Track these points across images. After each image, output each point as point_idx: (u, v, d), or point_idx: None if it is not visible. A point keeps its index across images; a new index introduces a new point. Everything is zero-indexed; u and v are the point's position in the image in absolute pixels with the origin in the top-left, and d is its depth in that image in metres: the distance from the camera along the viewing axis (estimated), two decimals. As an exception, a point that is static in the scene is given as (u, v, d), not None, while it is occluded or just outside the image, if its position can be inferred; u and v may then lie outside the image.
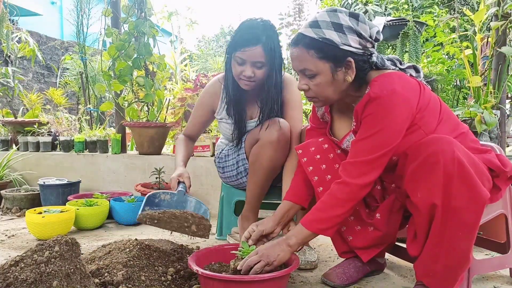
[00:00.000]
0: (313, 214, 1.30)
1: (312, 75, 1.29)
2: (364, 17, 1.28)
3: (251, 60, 1.63)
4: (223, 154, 1.95)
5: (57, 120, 3.59)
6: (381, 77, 1.27)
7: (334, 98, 1.34)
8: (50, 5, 12.16)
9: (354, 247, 1.48)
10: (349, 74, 1.28)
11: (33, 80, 7.51)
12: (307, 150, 1.51)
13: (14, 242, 2.03)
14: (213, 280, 1.26)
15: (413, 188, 1.21)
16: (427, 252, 1.23)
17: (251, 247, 1.40)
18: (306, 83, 1.31)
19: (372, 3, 8.33)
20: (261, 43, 1.62)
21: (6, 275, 1.06)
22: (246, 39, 1.62)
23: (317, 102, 1.37)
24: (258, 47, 1.61)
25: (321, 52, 1.25)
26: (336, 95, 1.32)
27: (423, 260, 1.25)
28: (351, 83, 1.31)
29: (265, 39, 1.62)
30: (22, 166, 3.21)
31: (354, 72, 1.28)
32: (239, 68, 1.66)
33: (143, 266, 1.40)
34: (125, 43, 2.88)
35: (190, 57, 8.56)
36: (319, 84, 1.29)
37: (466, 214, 1.14)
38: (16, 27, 4.56)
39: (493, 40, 2.41)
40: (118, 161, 3.01)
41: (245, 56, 1.63)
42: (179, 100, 3.08)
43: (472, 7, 6.38)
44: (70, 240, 1.17)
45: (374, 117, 1.24)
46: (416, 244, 1.27)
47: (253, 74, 1.65)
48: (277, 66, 1.70)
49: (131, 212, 2.37)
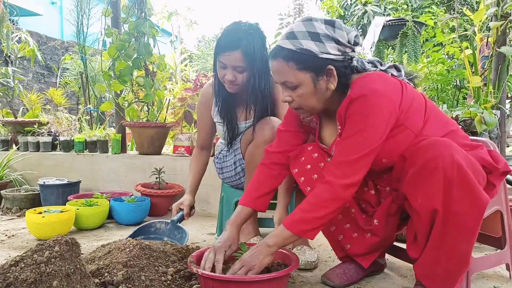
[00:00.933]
0: (296, 214, 1.26)
1: (294, 87, 1.27)
2: (341, 23, 1.27)
3: (231, 64, 1.66)
4: (222, 155, 1.97)
5: (57, 120, 3.59)
6: (361, 78, 1.26)
7: (319, 107, 1.32)
8: (50, 5, 12.16)
9: (353, 254, 1.47)
10: (331, 82, 1.26)
11: (33, 80, 7.51)
12: (297, 161, 1.47)
13: (14, 242, 2.03)
14: (213, 280, 1.26)
15: (413, 193, 1.20)
16: (427, 255, 1.23)
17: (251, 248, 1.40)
18: (289, 95, 1.30)
19: (371, 3, 8.33)
20: (240, 47, 1.63)
21: (6, 275, 1.06)
22: (226, 44, 1.65)
23: (303, 112, 1.36)
24: (237, 52, 1.63)
25: (300, 63, 1.23)
26: (321, 104, 1.31)
27: (423, 262, 1.25)
28: (335, 90, 1.28)
29: (245, 43, 1.63)
30: (22, 166, 3.21)
31: (336, 80, 1.26)
32: (222, 72, 1.70)
33: (143, 266, 1.40)
34: (125, 43, 2.88)
35: (190, 57, 8.55)
36: (302, 95, 1.27)
37: (467, 219, 1.14)
38: (16, 27, 4.56)
39: (493, 40, 2.41)
40: (118, 161, 3.02)
41: (225, 61, 1.66)
42: (179, 100, 3.08)
43: (472, 7, 6.38)
44: (70, 240, 1.17)
45: (356, 116, 1.22)
46: (416, 246, 1.27)
47: (234, 78, 1.68)
48: (258, 70, 1.70)
49: (131, 212, 2.38)
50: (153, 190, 2.60)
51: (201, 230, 2.30)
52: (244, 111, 1.85)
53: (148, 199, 2.50)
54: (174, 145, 3.02)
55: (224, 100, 1.83)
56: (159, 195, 2.59)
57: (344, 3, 8.31)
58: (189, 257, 1.39)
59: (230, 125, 1.87)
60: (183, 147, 2.94)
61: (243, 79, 1.70)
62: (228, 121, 1.86)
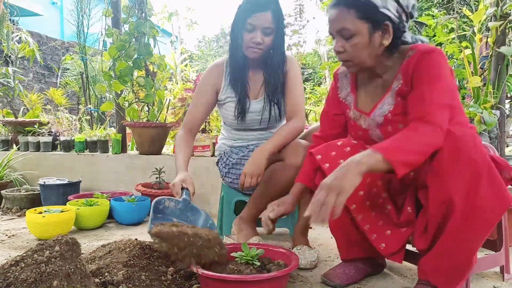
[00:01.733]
0: (393, 143, 1.14)
1: (349, 36, 1.28)
2: None
3: (261, 25, 1.69)
4: (231, 162, 1.92)
5: (58, 120, 3.60)
6: (421, 44, 1.31)
7: (368, 62, 1.32)
8: (50, 5, 12.15)
9: (389, 254, 1.36)
10: (386, 38, 1.29)
11: (33, 80, 7.51)
12: (327, 155, 1.38)
13: (15, 242, 2.03)
14: (213, 280, 1.26)
15: (437, 182, 1.17)
16: (439, 248, 1.20)
17: (252, 250, 1.40)
18: (342, 45, 1.31)
19: (372, 3, 8.32)
20: (270, 9, 1.67)
21: (7, 275, 1.06)
22: (256, 4, 1.68)
23: (351, 66, 1.35)
24: (268, 13, 1.67)
25: (361, 12, 1.26)
26: (371, 59, 1.32)
27: (433, 256, 1.23)
28: (384, 50, 1.31)
29: (274, 5, 1.69)
30: (22, 166, 3.21)
31: (391, 37, 1.29)
32: (249, 35, 1.71)
33: (143, 266, 1.40)
34: (125, 44, 2.88)
35: (190, 58, 8.56)
36: (355, 45, 1.29)
37: (489, 216, 1.14)
38: (16, 27, 4.55)
39: (492, 40, 2.41)
40: (118, 161, 3.02)
41: (255, 22, 1.68)
42: (179, 100, 3.09)
43: (471, 7, 6.38)
44: (71, 240, 1.18)
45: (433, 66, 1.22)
46: (425, 237, 1.24)
47: (262, 41, 1.70)
48: (282, 35, 1.76)
49: (132, 212, 2.38)
50: (154, 190, 2.60)
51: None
52: (258, 88, 1.85)
53: (149, 199, 2.50)
54: (174, 145, 3.02)
55: (240, 71, 1.82)
56: (160, 195, 2.59)
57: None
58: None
59: (243, 99, 1.83)
60: (183, 147, 2.94)
61: (269, 42, 1.73)
62: (241, 95, 1.83)
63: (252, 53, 1.74)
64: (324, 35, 6.84)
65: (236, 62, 1.81)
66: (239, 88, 1.83)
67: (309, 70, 11.12)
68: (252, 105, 1.86)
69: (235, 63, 1.82)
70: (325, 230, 2.32)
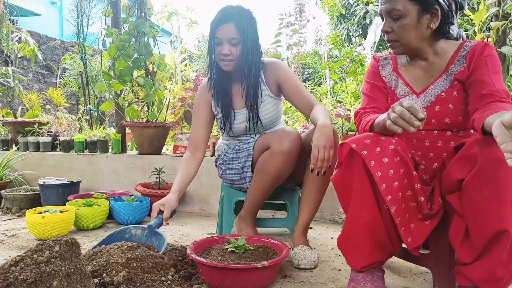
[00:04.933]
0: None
1: (398, 16, 1.34)
2: None
3: (226, 37, 1.74)
4: (228, 157, 1.93)
5: (57, 120, 3.59)
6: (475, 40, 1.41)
7: (414, 44, 1.38)
8: (50, 5, 12.15)
9: (414, 248, 1.30)
10: (434, 22, 1.34)
11: (33, 80, 7.50)
12: (372, 151, 1.26)
13: (14, 242, 2.03)
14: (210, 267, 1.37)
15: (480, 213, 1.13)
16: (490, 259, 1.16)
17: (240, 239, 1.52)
18: (390, 26, 1.37)
19: (373, 3, 8.33)
20: (233, 20, 1.73)
21: (6, 275, 1.06)
22: (219, 19, 1.75)
23: (397, 47, 1.40)
24: (230, 24, 1.74)
25: None
26: (417, 41, 1.37)
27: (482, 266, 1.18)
28: (431, 35, 1.37)
29: (237, 16, 1.74)
30: (22, 166, 3.21)
31: (439, 21, 1.34)
32: (217, 49, 1.78)
33: (143, 266, 1.40)
34: (125, 43, 2.88)
35: (190, 57, 8.56)
36: (403, 26, 1.34)
37: None
38: (16, 27, 4.55)
39: (493, 40, 2.41)
40: (118, 161, 3.01)
41: (220, 35, 1.74)
42: (179, 100, 3.08)
43: (473, 7, 6.38)
44: (70, 240, 1.17)
45: (494, 59, 1.31)
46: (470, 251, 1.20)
47: (229, 52, 1.76)
48: (252, 44, 1.78)
49: (131, 212, 2.37)
50: (153, 190, 2.60)
51: (201, 230, 2.30)
52: (241, 99, 1.87)
53: (148, 199, 2.50)
54: (174, 145, 3.02)
55: (219, 84, 1.87)
56: (159, 195, 2.58)
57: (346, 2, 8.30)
58: (188, 249, 1.48)
59: (227, 112, 1.88)
60: (183, 147, 2.94)
61: (237, 53, 1.76)
62: (224, 107, 1.88)
63: (224, 66, 1.81)
64: (324, 35, 6.84)
65: (216, 76, 1.88)
66: (222, 101, 1.89)
67: (309, 70, 11.11)
68: (237, 115, 1.90)
69: (215, 78, 1.88)
70: (325, 230, 2.32)
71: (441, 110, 1.39)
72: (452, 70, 1.39)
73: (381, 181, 1.24)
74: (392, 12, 1.34)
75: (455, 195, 1.23)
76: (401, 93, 1.48)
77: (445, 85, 1.40)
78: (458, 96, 1.37)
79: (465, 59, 1.37)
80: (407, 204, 1.30)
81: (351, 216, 1.34)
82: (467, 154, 1.17)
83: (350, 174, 1.31)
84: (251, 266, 1.35)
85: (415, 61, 1.47)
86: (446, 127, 1.39)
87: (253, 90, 1.83)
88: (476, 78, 1.32)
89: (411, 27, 1.34)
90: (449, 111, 1.37)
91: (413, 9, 1.32)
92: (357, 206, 1.32)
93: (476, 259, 1.19)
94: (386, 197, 1.25)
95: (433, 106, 1.40)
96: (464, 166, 1.17)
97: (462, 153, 1.19)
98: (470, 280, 1.21)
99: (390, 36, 1.38)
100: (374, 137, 1.29)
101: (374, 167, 1.24)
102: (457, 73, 1.38)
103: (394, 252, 1.39)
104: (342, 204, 1.38)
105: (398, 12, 1.33)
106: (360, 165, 1.28)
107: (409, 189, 1.29)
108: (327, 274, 1.60)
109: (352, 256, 1.38)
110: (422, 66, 1.45)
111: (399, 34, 1.36)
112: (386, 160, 1.25)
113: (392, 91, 1.50)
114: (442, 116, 1.38)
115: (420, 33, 1.36)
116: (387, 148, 1.26)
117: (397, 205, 1.26)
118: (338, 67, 3.85)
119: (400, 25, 1.35)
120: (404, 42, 1.37)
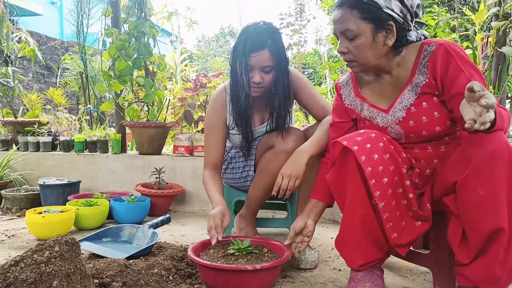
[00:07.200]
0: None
1: (353, 37, 1.30)
2: None
3: (259, 65, 1.61)
4: (229, 156, 1.92)
5: (57, 120, 3.59)
6: (434, 39, 1.33)
7: (372, 62, 1.33)
8: (50, 5, 12.15)
9: (397, 244, 1.32)
10: (390, 38, 1.29)
11: (33, 80, 7.50)
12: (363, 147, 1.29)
13: (14, 242, 2.03)
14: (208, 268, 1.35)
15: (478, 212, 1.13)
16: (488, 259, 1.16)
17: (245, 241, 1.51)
18: (346, 46, 1.32)
19: (372, 3, 8.30)
20: (267, 47, 1.60)
21: (6, 275, 1.05)
22: (252, 45, 1.60)
23: (356, 66, 1.36)
24: (265, 51, 1.60)
25: (364, 12, 1.27)
26: (375, 60, 1.32)
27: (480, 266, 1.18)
28: (388, 51, 1.32)
29: (270, 42, 1.61)
30: (22, 166, 3.20)
31: (395, 37, 1.29)
32: (249, 74, 1.64)
33: (143, 267, 1.40)
34: (125, 43, 2.88)
35: (190, 57, 8.56)
36: (359, 46, 1.30)
37: None
38: (16, 27, 4.55)
39: (494, 40, 2.41)
40: (118, 161, 3.01)
41: (253, 62, 1.61)
42: (179, 100, 3.08)
43: (473, 6, 6.37)
44: (70, 240, 1.17)
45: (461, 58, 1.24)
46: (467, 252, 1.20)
47: (262, 80, 1.63)
48: (284, 67, 1.69)
49: (131, 212, 2.37)
50: (153, 190, 2.60)
51: (201, 230, 2.30)
52: (260, 115, 1.83)
53: (148, 199, 2.50)
54: (174, 145, 3.02)
55: (245, 108, 1.73)
56: (159, 195, 2.58)
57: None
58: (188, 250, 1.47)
59: (247, 133, 1.79)
60: (183, 147, 2.94)
61: (270, 80, 1.67)
62: (244, 129, 1.79)
63: (254, 93, 1.69)
64: (324, 35, 6.85)
65: (239, 100, 1.73)
66: (242, 124, 1.78)
67: (309, 70, 11.11)
68: (256, 131, 1.84)
69: (238, 101, 1.74)
70: (325, 230, 2.32)
71: (415, 125, 1.34)
72: (417, 81, 1.34)
73: (371, 176, 1.26)
74: (346, 32, 1.30)
75: (451, 196, 1.23)
76: (368, 115, 1.45)
77: (411, 97, 1.34)
78: (428, 107, 1.32)
79: (426, 68, 1.31)
80: (398, 201, 1.31)
81: (347, 214, 1.35)
82: (461, 156, 1.18)
83: (344, 173, 1.33)
84: (241, 268, 1.32)
85: (380, 76, 1.42)
86: (424, 139, 1.35)
87: (284, 110, 1.74)
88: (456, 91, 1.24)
89: (366, 46, 1.29)
90: (424, 124, 1.32)
91: (367, 28, 1.27)
92: (351, 204, 1.32)
93: (474, 259, 1.19)
94: (375, 192, 1.27)
95: (407, 121, 1.36)
96: (459, 168, 1.18)
97: (456, 156, 1.20)
98: (470, 281, 1.21)
99: (347, 57, 1.34)
100: (364, 134, 1.32)
101: (364, 162, 1.26)
102: (423, 85, 1.32)
103: (391, 250, 1.38)
104: (338, 204, 1.39)
105: (352, 32, 1.29)
106: (353, 163, 1.29)
107: (400, 187, 1.30)
108: (327, 274, 1.60)
109: (349, 255, 1.37)
110: (388, 81, 1.40)
111: (355, 54, 1.32)
112: (376, 157, 1.27)
113: (359, 115, 1.48)
114: (418, 130, 1.34)
115: (377, 51, 1.31)
116: (377, 145, 1.29)
117: (386, 201, 1.27)
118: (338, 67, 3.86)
119: (355, 46, 1.30)
120: (362, 62, 1.33)
